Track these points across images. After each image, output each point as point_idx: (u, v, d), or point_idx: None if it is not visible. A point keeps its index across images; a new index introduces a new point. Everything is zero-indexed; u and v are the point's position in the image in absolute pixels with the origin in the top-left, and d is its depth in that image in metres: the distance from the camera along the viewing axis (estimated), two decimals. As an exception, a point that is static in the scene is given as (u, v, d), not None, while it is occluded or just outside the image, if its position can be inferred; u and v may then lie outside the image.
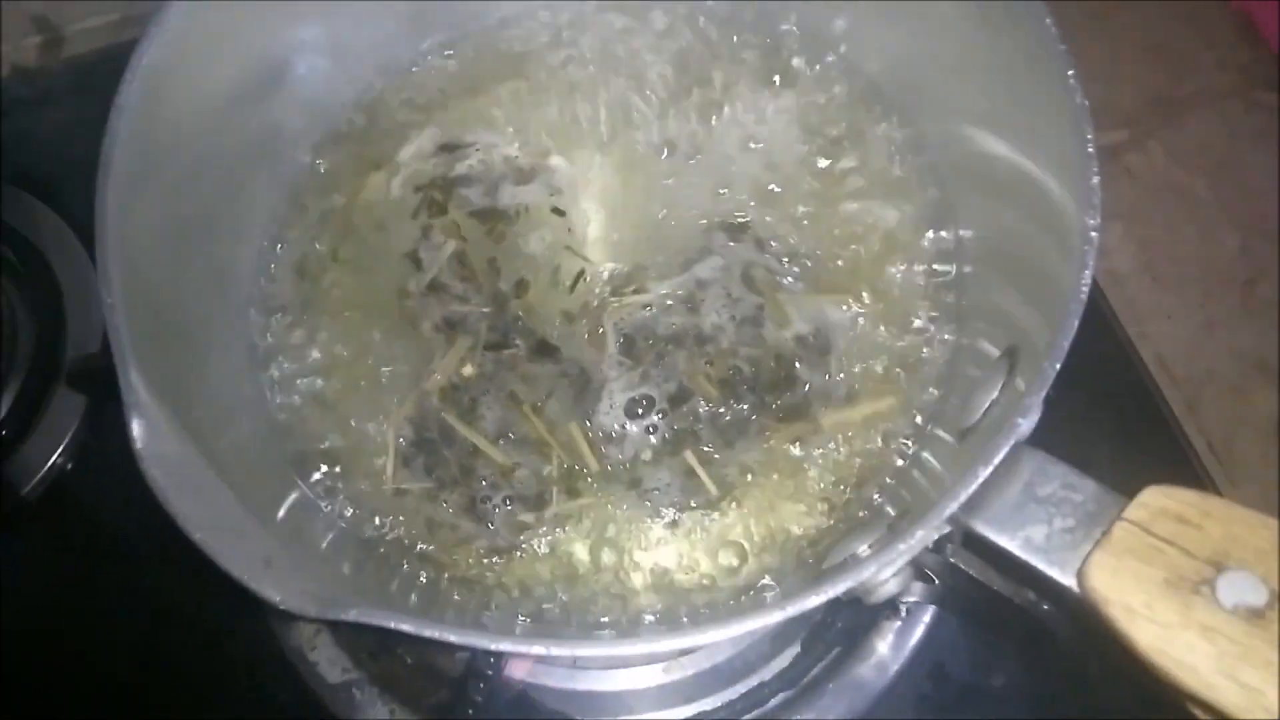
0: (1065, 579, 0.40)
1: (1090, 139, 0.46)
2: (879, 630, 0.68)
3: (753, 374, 0.61)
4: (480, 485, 0.59)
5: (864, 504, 0.57)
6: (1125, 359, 0.80)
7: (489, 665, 0.60)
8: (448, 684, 0.65)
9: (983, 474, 0.40)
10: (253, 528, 0.48)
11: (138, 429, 0.43)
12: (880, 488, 0.57)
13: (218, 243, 0.60)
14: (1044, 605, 0.45)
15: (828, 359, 0.61)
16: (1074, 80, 0.47)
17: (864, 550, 0.52)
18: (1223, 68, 1.30)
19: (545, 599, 0.57)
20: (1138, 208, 1.23)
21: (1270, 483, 1.08)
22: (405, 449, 0.60)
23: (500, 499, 0.59)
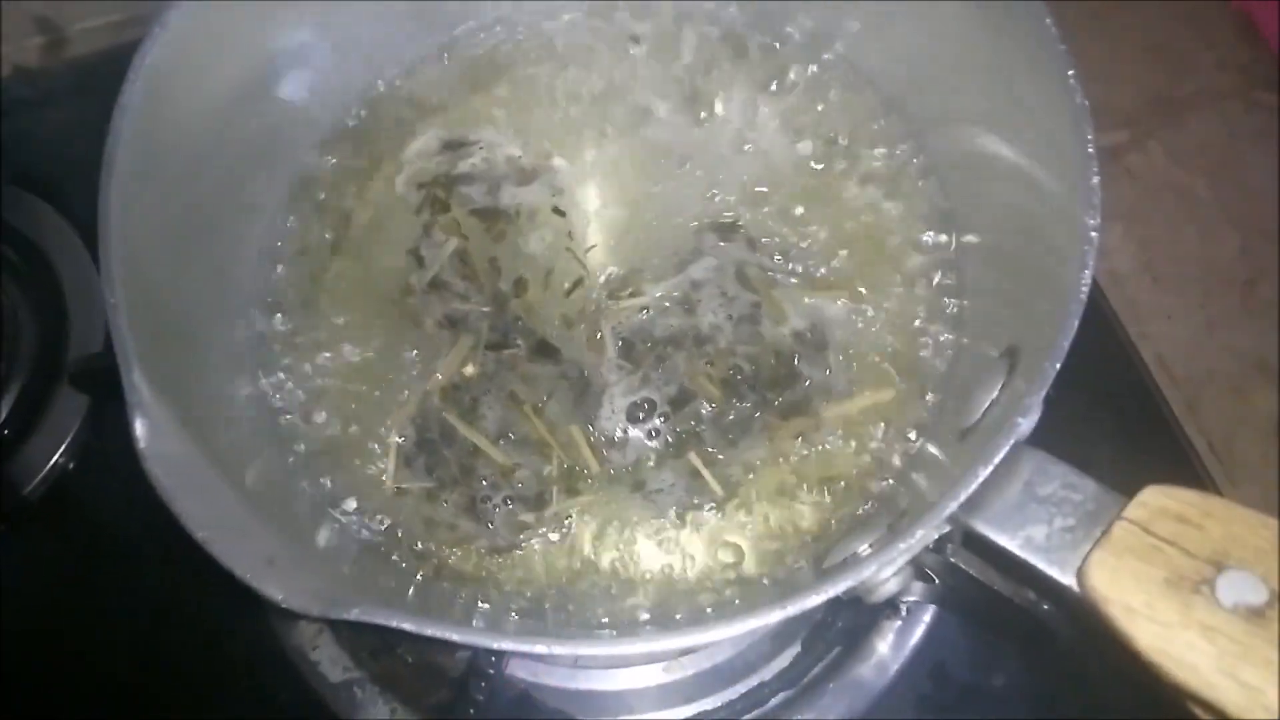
0: (1065, 578, 0.40)
1: (1090, 139, 0.46)
2: (879, 630, 0.68)
3: (753, 372, 0.61)
4: (480, 485, 0.59)
5: (864, 503, 0.57)
6: (1125, 359, 0.80)
7: (490, 664, 0.60)
8: (449, 683, 0.65)
9: (983, 473, 0.41)
10: (255, 527, 0.48)
11: (141, 429, 0.43)
12: (881, 487, 0.58)
13: (220, 242, 0.60)
14: (1044, 605, 0.45)
15: (826, 353, 0.61)
16: (1074, 80, 0.47)
17: (864, 549, 0.52)
18: (1223, 68, 1.31)
19: (546, 598, 0.57)
20: (1138, 208, 1.23)
21: (1270, 483, 1.08)
22: (406, 449, 0.60)
23: (500, 499, 0.59)
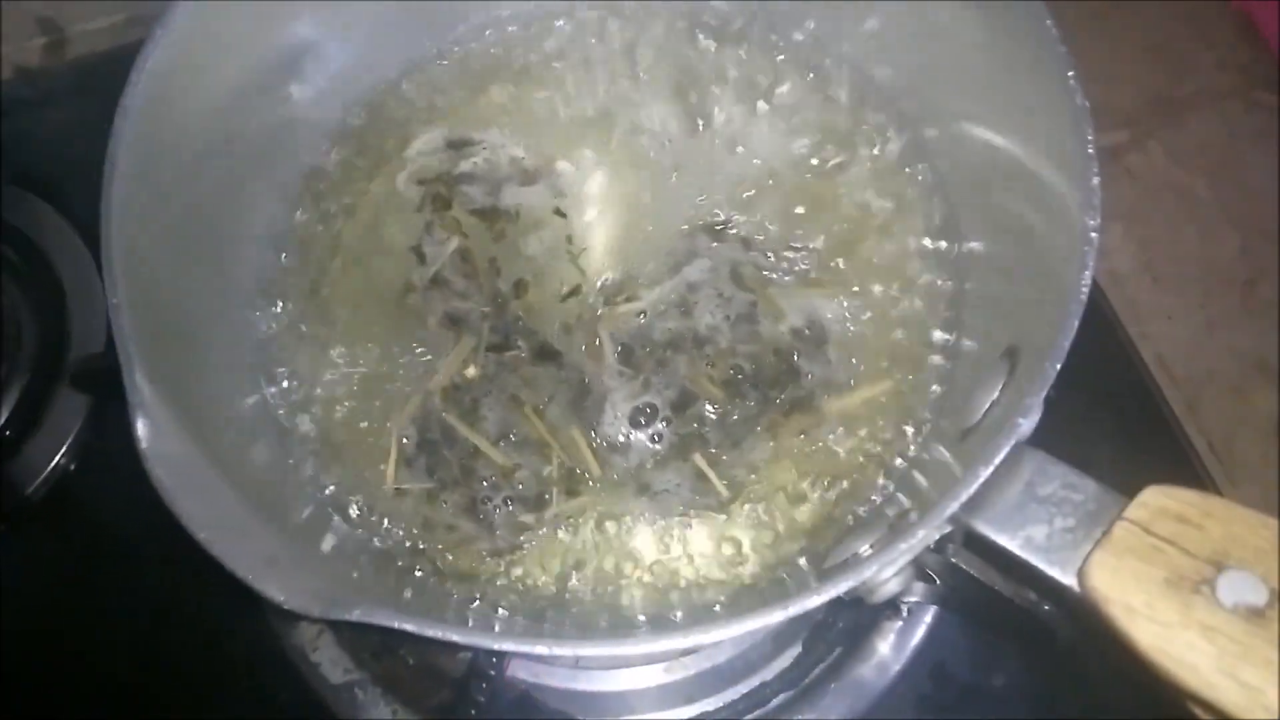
0: (1066, 578, 0.40)
1: (1091, 140, 0.46)
2: (880, 630, 0.68)
3: (754, 371, 0.61)
4: (481, 486, 0.59)
5: (866, 504, 0.57)
6: (1126, 359, 0.80)
7: (491, 665, 0.60)
8: (450, 684, 0.65)
9: (984, 474, 0.41)
10: (256, 527, 0.48)
11: (142, 429, 0.43)
12: (882, 488, 0.58)
13: (222, 242, 0.60)
14: (1045, 605, 0.45)
15: (825, 349, 0.61)
16: (1074, 81, 0.47)
17: (865, 550, 0.52)
18: (1223, 68, 1.31)
19: (547, 599, 0.57)
20: (1138, 208, 1.23)
21: (1270, 483, 1.08)
22: (407, 449, 0.60)
23: (501, 500, 0.59)
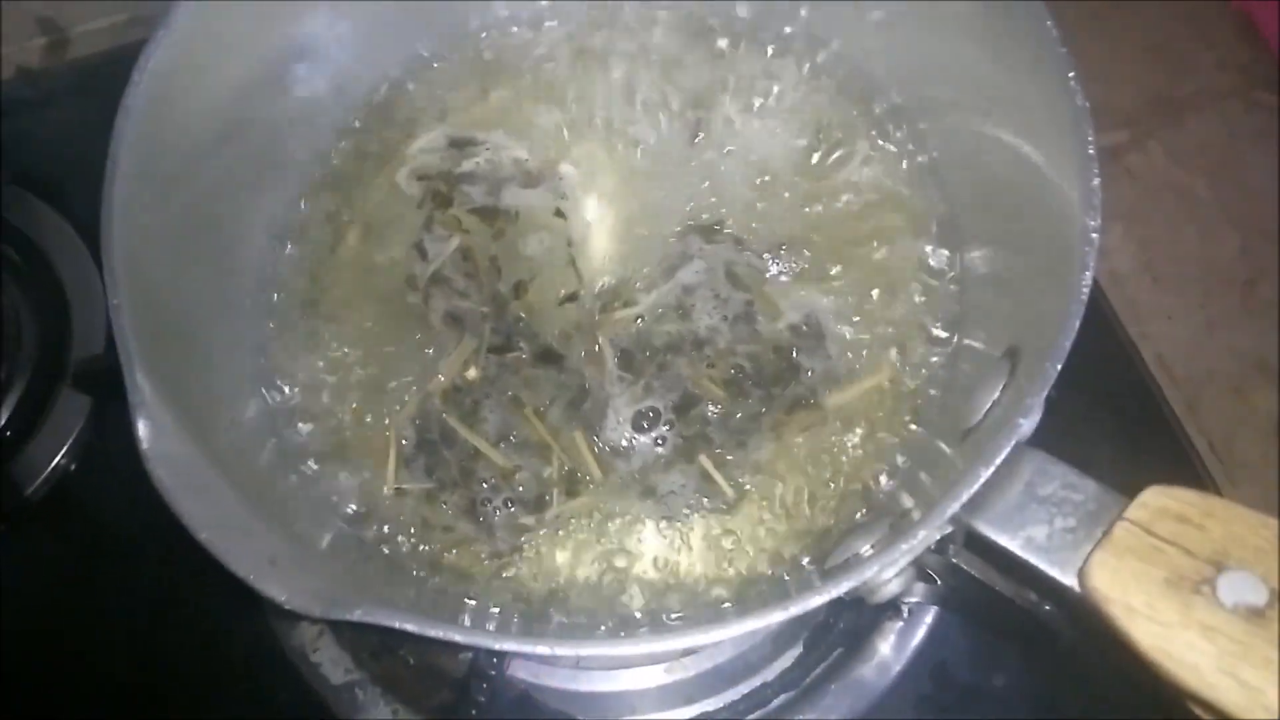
0: (1066, 579, 0.40)
1: (1091, 140, 0.46)
2: (881, 631, 0.68)
3: (755, 369, 0.61)
4: (481, 487, 0.59)
5: (867, 504, 0.57)
6: (1126, 359, 0.80)
7: (492, 665, 0.60)
8: (450, 684, 0.65)
9: (984, 474, 0.41)
10: (257, 527, 0.48)
11: (144, 429, 0.43)
12: (883, 488, 0.58)
13: (223, 241, 0.60)
14: (1045, 605, 0.45)
15: (824, 343, 0.61)
16: (1074, 82, 0.47)
17: (866, 550, 0.52)
18: (1223, 68, 1.30)
19: (548, 599, 0.57)
20: (1138, 208, 1.23)
21: (1270, 483, 1.08)
22: (407, 450, 0.60)
23: (500, 501, 0.59)
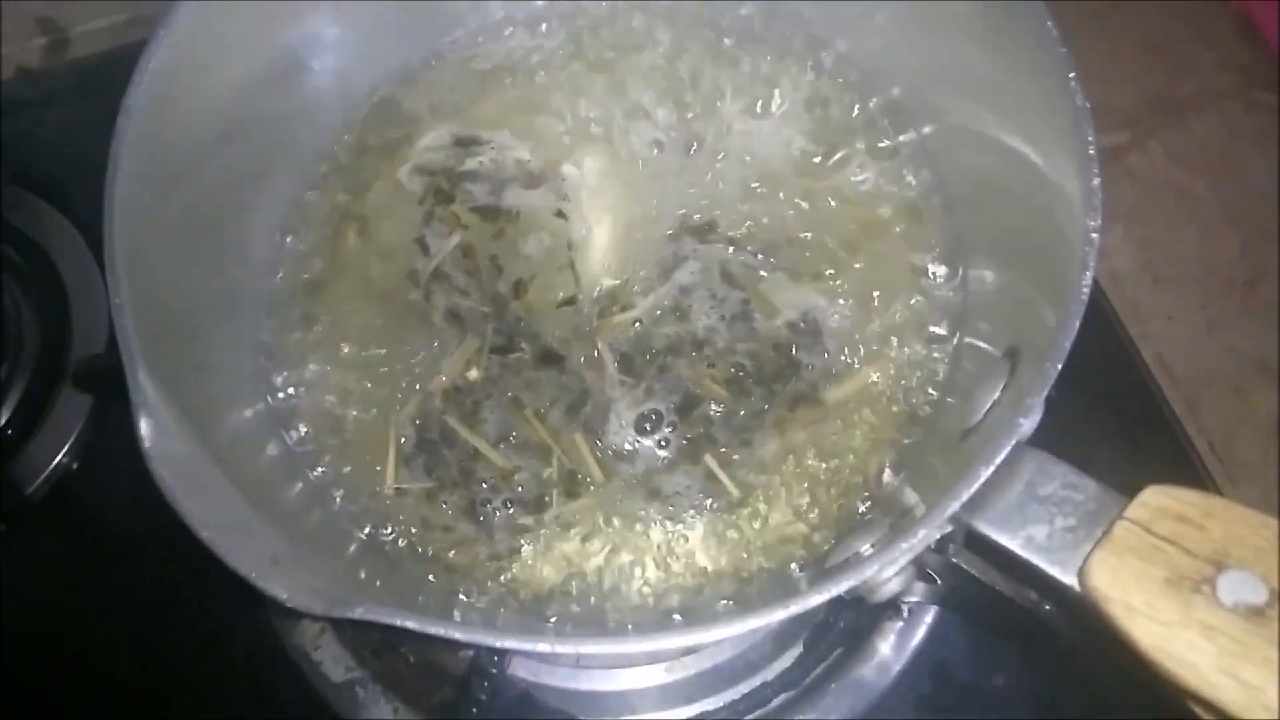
0: (1066, 578, 0.40)
1: (1091, 140, 0.46)
2: (881, 631, 0.68)
3: (755, 367, 0.61)
4: (480, 488, 0.59)
5: (867, 503, 0.57)
6: (1126, 359, 0.80)
7: (493, 664, 0.60)
8: (451, 682, 0.65)
9: (984, 473, 0.41)
10: (259, 526, 0.48)
11: (146, 428, 0.43)
12: (884, 487, 0.58)
13: (225, 240, 0.60)
14: (1046, 605, 0.45)
15: (821, 339, 0.61)
16: (1075, 83, 0.47)
17: (867, 549, 0.52)
18: (1223, 68, 1.31)
19: (547, 598, 0.57)
20: (1139, 208, 1.23)
21: (1270, 483, 1.08)
22: (407, 449, 0.60)
23: (500, 501, 0.59)
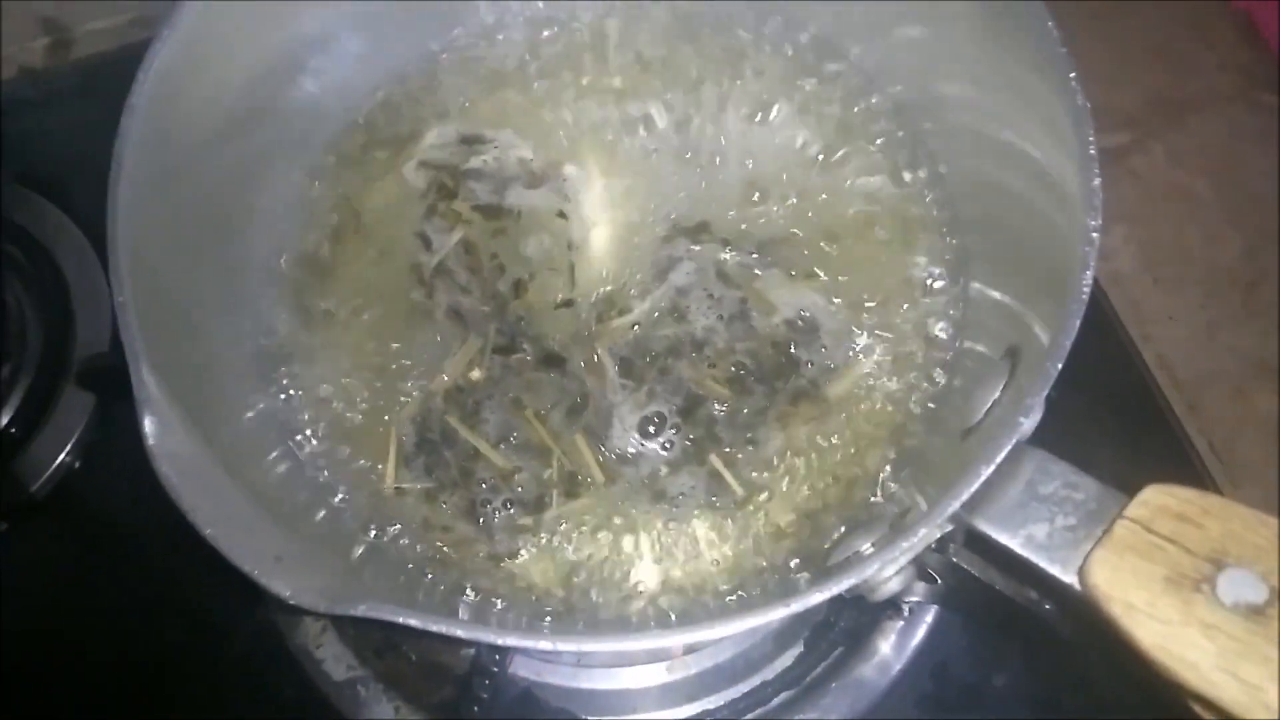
0: (1067, 577, 0.40)
1: (1092, 141, 0.46)
2: (881, 630, 0.68)
3: (755, 365, 0.61)
4: (480, 488, 0.59)
5: (868, 502, 0.57)
6: (1127, 359, 0.80)
7: (494, 662, 0.60)
8: (453, 681, 0.65)
9: (985, 473, 0.41)
10: (262, 524, 0.48)
11: (150, 426, 0.43)
12: (884, 487, 0.58)
13: (228, 239, 0.60)
14: (1046, 604, 0.45)
15: (819, 335, 0.62)
16: (1075, 83, 0.47)
17: (867, 548, 0.52)
18: (1224, 69, 1.30)
19: (547, 598, 0.57)
20: (1140, 209, 1.23)
21: (1271, 483, 1.07)
22: (407, 448, 0.60)
23: (500, 502, 0.59)
